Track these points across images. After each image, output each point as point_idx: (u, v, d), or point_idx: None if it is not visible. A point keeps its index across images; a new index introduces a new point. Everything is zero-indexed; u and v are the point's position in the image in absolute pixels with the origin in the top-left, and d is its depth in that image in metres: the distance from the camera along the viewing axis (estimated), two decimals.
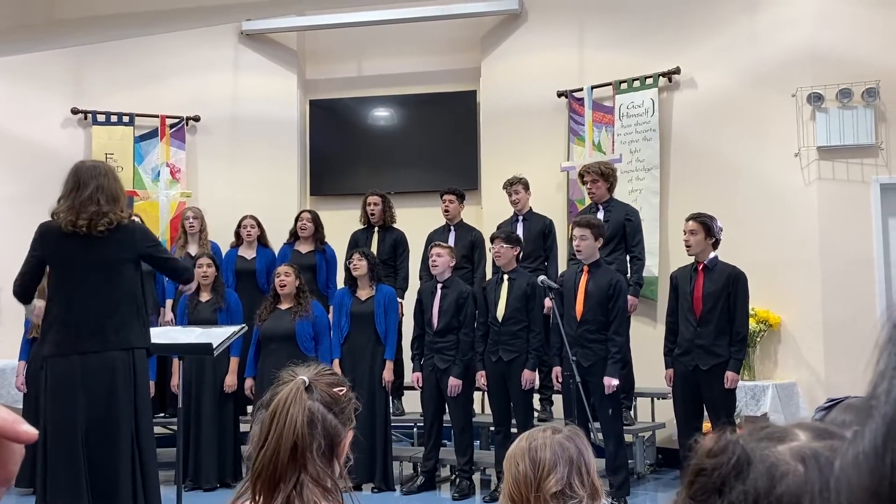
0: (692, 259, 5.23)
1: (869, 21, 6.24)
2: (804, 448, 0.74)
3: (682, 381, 5.17)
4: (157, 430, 6.53)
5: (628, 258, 6.08)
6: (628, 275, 5.95)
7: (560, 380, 5.30)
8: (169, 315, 6.59)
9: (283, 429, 1.56)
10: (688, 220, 5.23)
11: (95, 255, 3.77)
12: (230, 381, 6.01)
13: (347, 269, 6.15)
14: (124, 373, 3.79)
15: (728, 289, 5.09)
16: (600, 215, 6.07)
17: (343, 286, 6.26)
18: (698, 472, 0.77)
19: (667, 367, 5.30)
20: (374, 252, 6.43)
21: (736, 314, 5.10)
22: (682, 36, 7.01)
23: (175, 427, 5.68)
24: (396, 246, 6.78)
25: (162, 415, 6.59)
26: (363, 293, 6.01)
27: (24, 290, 3.90)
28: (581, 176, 6.35)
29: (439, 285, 5.87)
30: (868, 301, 6.08)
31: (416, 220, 7.11)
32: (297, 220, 6.86)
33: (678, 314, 5.24)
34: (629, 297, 5.76)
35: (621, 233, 6.04)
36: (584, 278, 5.31)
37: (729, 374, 5.03)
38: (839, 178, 6.27)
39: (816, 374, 6.20)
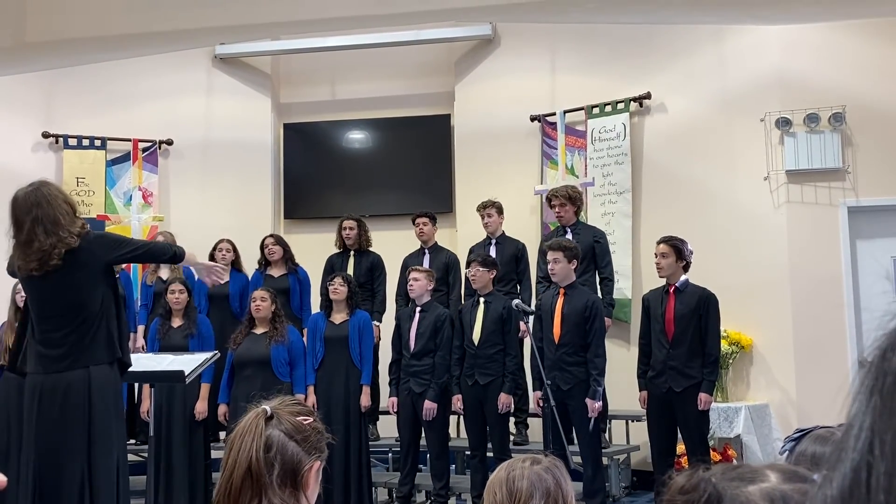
0: (664, 281, 5.28)
1: (834, 47, 6.38)
2: (774, 490, 0.75)
3: (656, 403, 5.20)
4: (128, 457, 6.46)
5: (598, 279, 6.12)
6: (599, 296, 5.99)
7: (540, 404, 5.30)
8: (140, 342, 6.51)
9: (238, 455, 1.57)
10: (659, 242, 5.29)
11: (58, 286, 3.63)
12: (201, 407, 5.94)
13: (324, 293, 6.12)
14: (78, 392, 3.55)
15: (699, 311, 5.14)
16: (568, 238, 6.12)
17: (318, 310, 6.23)
18: None
19: (640, 390, 5.33)
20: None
21: (707, 336, 5.15)
22: (653, 62, 7.12)
23: (146, 454, 5.60)
24: (373, 269, 6.77)
25: (133, 442, 6.50)
26: (338, 317, 5.98)
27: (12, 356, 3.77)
28: (549, 200, 6.40)
29: (417, 309, 5.87)
30: (837, 322, 6.17)
31: (391, 244, 7.12)
32: (262, 247, 6.80)
33: (651, 336, 5.28)
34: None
35: (591, 255, 6.09)
36: (560, 301, 5.33)
37: (702, 396, 5.06)
38: (807, 201, 6.38)
39: (788, 394, 6.27)
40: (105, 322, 3.69)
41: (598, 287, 6.08)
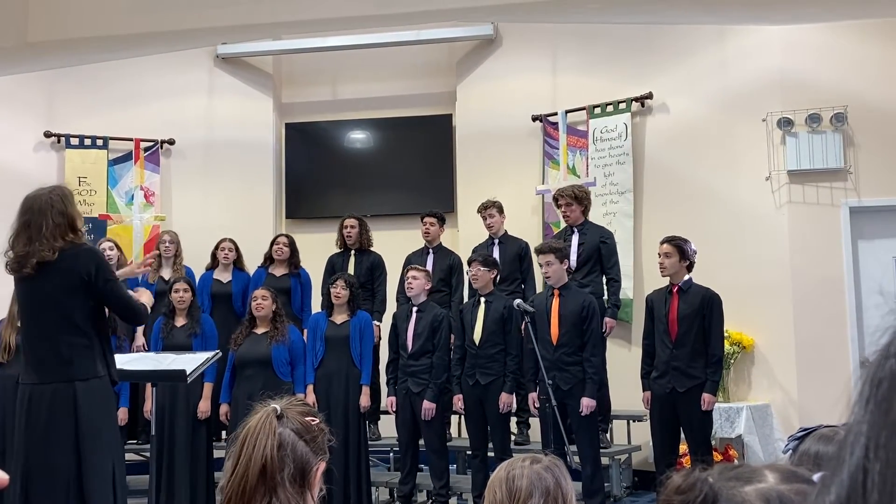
0: (667, 281, 5.27)
1: (835, 48, 6.38)
2: (771, 490, 0.75)
3: (660, 404, 5.20)
4: (129, 456, 6.46)
5: (604, 280, 6.11)
6: (604, 297, 5.98)
7: (537, 405, 5.30)
8: (140, 340, 6.51)
9: (252, 452, 1.59)
10: (662, 242, 5.28)
11: (39, 291, 3.62)
12: (204, 407, 5.94)
13: (325, 293, 6.12)
14: (64, 407, 3.52)
15: (703, 311, 5.13)
16: (575, 238, 6.12)
17: (320, 310, 6.23)
18: None
19: (644, 390, 5.32)
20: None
21: (711, 336, 5.14)
22: (654, 62, 7.12)
23: (147, 454, 5.60)
24: (373, 269, 6.77)
25: (134, 441, 6.50)
26: (339, 317, 5.99)
27: None
28: (556, 199, 6.40)
29: (414, 308, 5.87)
30: (838, 322, 6.17)
31: (392, 243, 7.11)
32: (273, 243, 6.83)
33: (654, 337, 5.28)
34: (607, 318, 5.79)
35: (597, 255, 6.08)
36: (555, 302, 5.33)
37: (706, 396, 5.05)
38: (809, 201, 6.37)
39: (789, 394, 6.26)
40: (97, 338, 3.64)
41: (605, 288, 6.07)
